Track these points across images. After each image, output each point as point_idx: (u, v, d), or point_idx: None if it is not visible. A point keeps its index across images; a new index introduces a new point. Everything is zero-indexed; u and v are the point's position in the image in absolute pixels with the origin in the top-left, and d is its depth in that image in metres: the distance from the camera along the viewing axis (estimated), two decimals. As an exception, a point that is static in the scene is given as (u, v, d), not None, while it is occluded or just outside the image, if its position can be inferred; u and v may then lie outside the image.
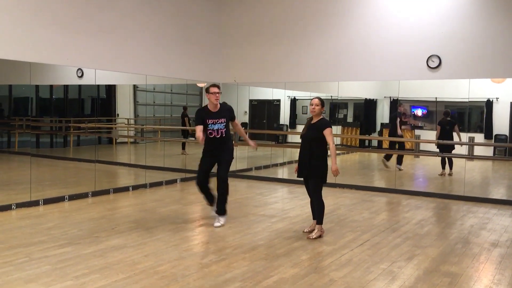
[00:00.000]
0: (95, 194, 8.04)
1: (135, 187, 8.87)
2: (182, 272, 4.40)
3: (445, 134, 9.98)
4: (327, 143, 5.61)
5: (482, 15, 8.27)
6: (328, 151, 5.64)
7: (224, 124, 6.08)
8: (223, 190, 6.17)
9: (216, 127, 6.02)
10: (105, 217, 6.57)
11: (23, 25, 6.83)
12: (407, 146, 11.28)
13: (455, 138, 9.92)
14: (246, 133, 9.84)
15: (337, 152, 12.18)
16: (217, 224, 6.14)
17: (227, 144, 6.20)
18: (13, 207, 6.86)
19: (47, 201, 7.29)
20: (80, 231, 5.73)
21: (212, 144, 6.11)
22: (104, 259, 4.71)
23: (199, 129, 5.94)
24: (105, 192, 8.25)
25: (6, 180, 8.09)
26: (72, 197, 7.65)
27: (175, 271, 4.42)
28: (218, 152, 6.14)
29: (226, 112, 6.16)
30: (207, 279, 4.23)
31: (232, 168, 11.19)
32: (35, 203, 7.12)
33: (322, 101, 5.69)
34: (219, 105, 6.11)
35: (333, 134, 5.67)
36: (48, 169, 10.24)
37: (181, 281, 4.17)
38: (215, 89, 6.00)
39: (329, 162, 5.68)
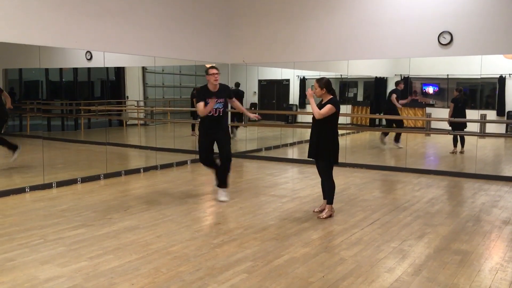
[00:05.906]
0: (107, 176, 8.13)
1: (146, 169, 8.95)
2: (194, 252, 4.46)
3: (458, 111, 9.87)
4: (335, 124, 5.58)
5: (495, -10, 8.08)
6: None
7: (223, 103, 6.37)
8: (228, 166, 6.49)
9: (215, 106, 6.28)
10: (117, 199, 6.65)
11: (31, 8, 6.82)
12: (419, 124, 11.18)
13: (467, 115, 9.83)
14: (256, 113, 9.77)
15: (348, 131, 12.20)
16: (224, 198, 6.50)
17: (224, 124, 6.49)
18: (27, 189, 6.97)
19: (60, 184, 7.38)
20: (93, 213, 5.82)
21: (210, 123, 6.37)
22: (118, 240, 4.79)
23: (202, 104, 6.22)
24: (117, 174, 8.33)
25: (20, 163, 8.19)
26: (84, 180, 7.75)
27: (187, 251, 4.48)
28: (215, 130, 6.38)
29: (224, 92, 6.40)
30: (219, 259, 4.28)
31: (242, 148, 11.28)
32: (48, 186, 7.23)
33: (321, 83, 5.54)
34: (218, 86, 6.35)
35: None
36: (60, 152, 10.35)
37: (193, 261, 4.22)
38: (214, 71, 6.27)
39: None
